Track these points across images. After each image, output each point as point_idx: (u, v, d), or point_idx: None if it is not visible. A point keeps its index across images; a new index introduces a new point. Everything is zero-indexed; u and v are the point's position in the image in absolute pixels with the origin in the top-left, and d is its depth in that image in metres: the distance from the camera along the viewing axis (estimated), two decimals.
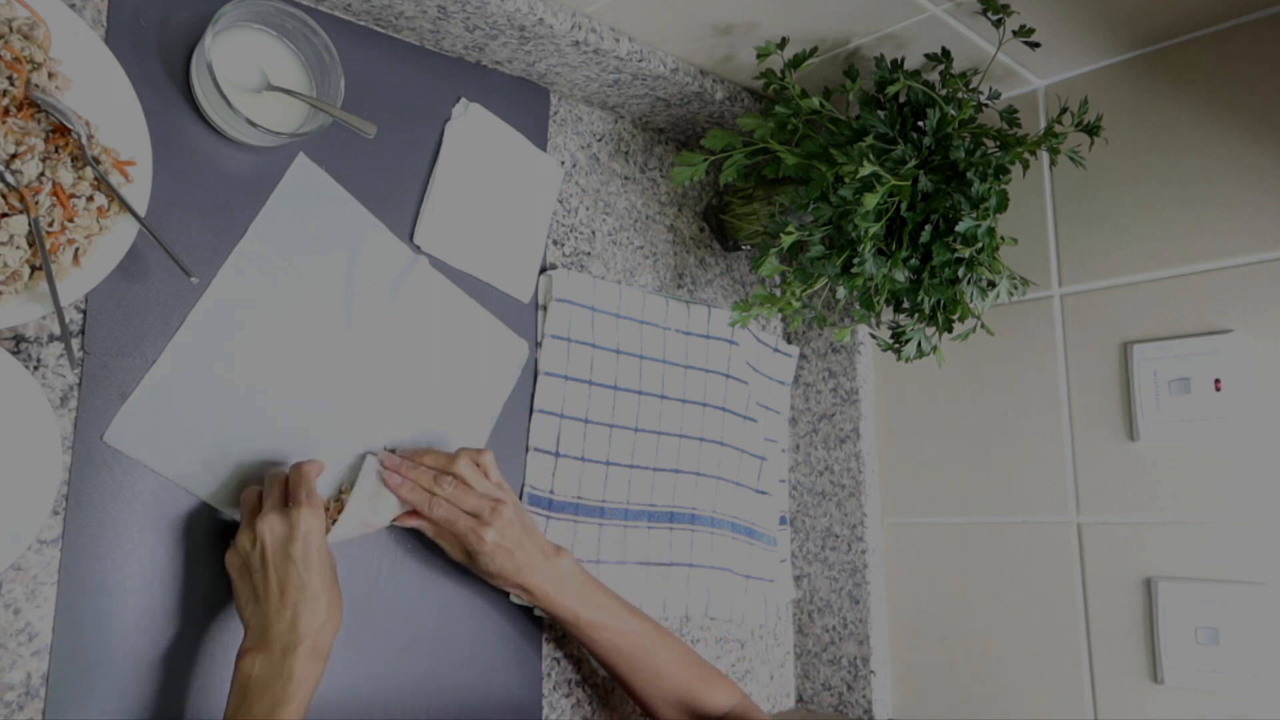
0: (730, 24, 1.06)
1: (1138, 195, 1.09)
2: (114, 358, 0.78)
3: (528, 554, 0.90)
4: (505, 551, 0.89)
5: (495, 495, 0.90)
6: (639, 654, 0.95)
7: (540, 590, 0.91)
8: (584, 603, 0.93)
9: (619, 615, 0.95)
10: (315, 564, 0.76)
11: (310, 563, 0.76)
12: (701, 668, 0.98)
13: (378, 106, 0.96)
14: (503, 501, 0.89)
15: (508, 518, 0.89)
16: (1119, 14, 1.03)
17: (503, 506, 0.89)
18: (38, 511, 0.70)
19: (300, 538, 0.76)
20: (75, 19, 0.75)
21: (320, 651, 0.75)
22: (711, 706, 0.97)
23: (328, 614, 0.76)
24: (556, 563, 0.92)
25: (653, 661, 0.95)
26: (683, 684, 0.96)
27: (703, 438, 1.18)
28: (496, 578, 0.91)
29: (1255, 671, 0.98)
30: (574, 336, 1.08)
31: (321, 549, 0.77)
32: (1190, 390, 1.02)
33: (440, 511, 0.87)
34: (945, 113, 1.01)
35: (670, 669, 0.96)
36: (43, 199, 0.71)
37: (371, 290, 0.94)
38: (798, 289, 1.04)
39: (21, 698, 0.71)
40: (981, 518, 1.19)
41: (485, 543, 0.88)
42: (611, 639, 0.94)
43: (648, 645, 0.95)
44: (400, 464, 0.88)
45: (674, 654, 0.97)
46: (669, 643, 0.97)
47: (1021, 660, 1.14)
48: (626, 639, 0.94)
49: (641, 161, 1.24)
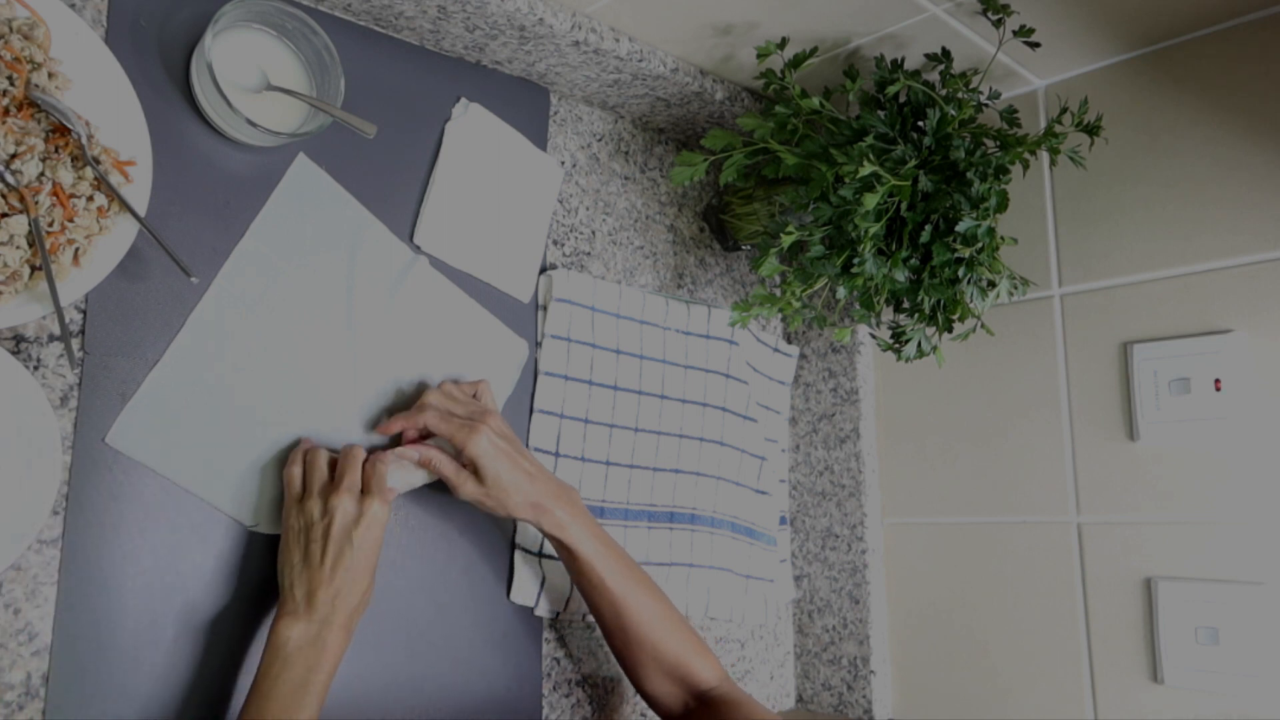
0: (730, 24, 1.06)
1: (1138, 195, 1.09)
2: (114, 358, 0.78)
3: (537, 471, 0.91)
4: (506, 457, 0.88)
5: (482, 407, 0.92)
6: (642, 608, 0.93)
7: (558, 514, 0.90)
8: (600, 539, 0.93)
9: (627, 563, 0.94)
10: (369, 552, 0.81)
11: (366, 550, 0.81)
12: (695, 636, 0.97)
13: (378, 106, 0.96)
14: (490, 412, 0.91)
15: (497, 424, 0.90)
16: (1119, 14, 1.03)
17: (490, 415, 0.90)
18: (38, 511, 0.70)
19: (365, 525, 0.81)
20: (75, 19, 0.75)
21: (351, 630, 0.80)
22: (702, 677, 0.95)
23: (363, 599, 0.81)
24: (571, 493, 0.93)
25: (654, 618, 0.94)
26: (678, 648, 0.95)
27: (703, 438, 1.18)
28: (510, 491, 0.88)
29: (1255, 671, 0.98)
30: (574, 336, 1.08)
31: (378, 541, 0.82)
32: (1190, 390, 1.03)
33: (430, 415, 0.88)
34: (945, 113, 1.01)
35: (669, 629, 0.94)
36: (43, 199, 0.71)
37: (371, 290, 0.94)
38: (798, 289, 1.04)
39: (21, 698, 0.71)
40: (981, 518, 1.19)
41: (478, 439, 0.87)
42: (619, 586, 0.92)
43: (650, 602, 0.94)
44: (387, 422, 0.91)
45: (673, 617, 0.96)
46: (668, 604, 0.96)
47: (1021, 660, 1.14)
48: (633, 589, 0.93)
49: (641, 161, 1.24)
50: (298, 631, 0.77)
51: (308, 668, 0.76)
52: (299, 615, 0.77)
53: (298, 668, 0.75)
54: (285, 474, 0.84)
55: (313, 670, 0.76)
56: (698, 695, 0.95)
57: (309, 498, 0.82)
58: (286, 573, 0.80)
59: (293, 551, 0.80)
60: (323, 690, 0.76)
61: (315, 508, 0.81)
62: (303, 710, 0.74)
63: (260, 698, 0.74)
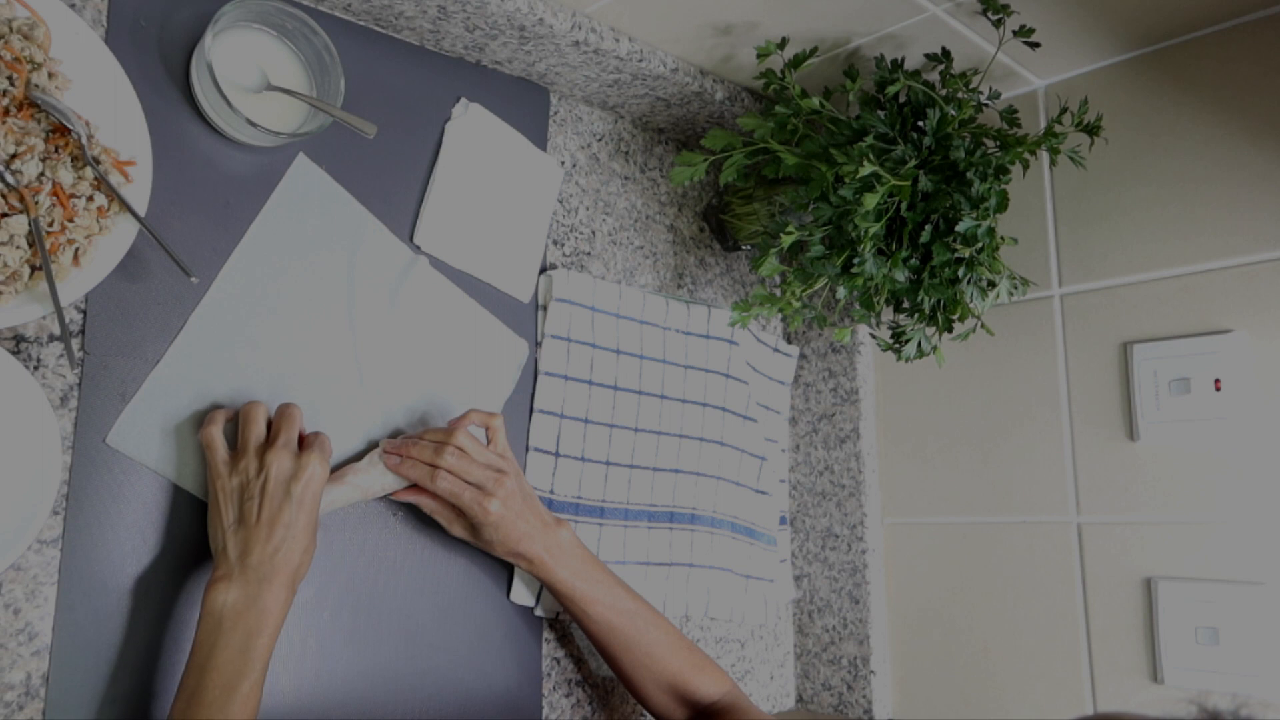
0: (730, 24, 1.06)
1: (1138, 195, 1.09)
2: (114, 358, 0.78)
3: (529, 524, 0.91)
4: (509, 522, 0.89)
5: (498, 465, 0.90)
6: (632, 633, 0.94)
7: (539, 560, 0.91)
8: (581, 576, 0.93)
9: (614, 592, 0.94)
10: (307, 508, 0.78)
11: (304, 506, 0.78)
12: (694, 653, 0.98)
13: (378, 106, 0.96)
14: (505, 472, 0.90)
15: (510, 488, 0.89)
16: (1119, 14, 1.03)
17: (505, 477, 0.89)
18: (38, 511, 0.70)
19: (304, 481, 0.78)
20: (75, 19, 0.75)
21: (293, 590, 0.77)
22: (702, 693, 0.96)
23: (303, 557, 0.78)
24: (557, 534, 0.92)
25: (645, 641, 0.95)
26: (674, 668, 0.95)
27: (703, 438, 1.18)
28: (498, 546, 0.90)
29: (1255, 671, 0.98)
30: (574, 336, 1.08)
31: (316, 497, 0.79)
32: (1190, 390, 1.02)
33: (443, 484, 0.87)
34: (945, 113, 1.01)
35: (662, 651, 0.95)
36: (43, 199, 0.71)
37: (372, 290, 0.94)
38: (798, 289, 1.04)
39: (21, 698, 0.71)
40: (981, 518, 1.19)
41: (490, 514, 0.88)
42: (605, 615, 0.93)
43: (641, 625, 0.95)
44: (401, 444, 0.89)
45: (668, 637, 0.96)
46: (663, 625, 0.97)
47: (1021, 660, 1.14)
48: (621, 617, 0.94)
49: (641, 161, 1.24)
50: (233, 595, 0.72)
51: (247, 633, 0.71)
52: (232, 578, 0.73)
53: (236, 633, 0.71)
54: (202, 435, 0.80)
55: (252, 635, 0.72)
56: (701, 710, 0.96)
57: (244, 456, 0.78)
58: (218, 535, 0.76)
59: (225, 512, 0.76)
60: (265, 654, 0.72)
61: (251, 465, 0.77)
62: (245, 679, 0.70)
63: (198, 669, 0.70)
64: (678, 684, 0.96)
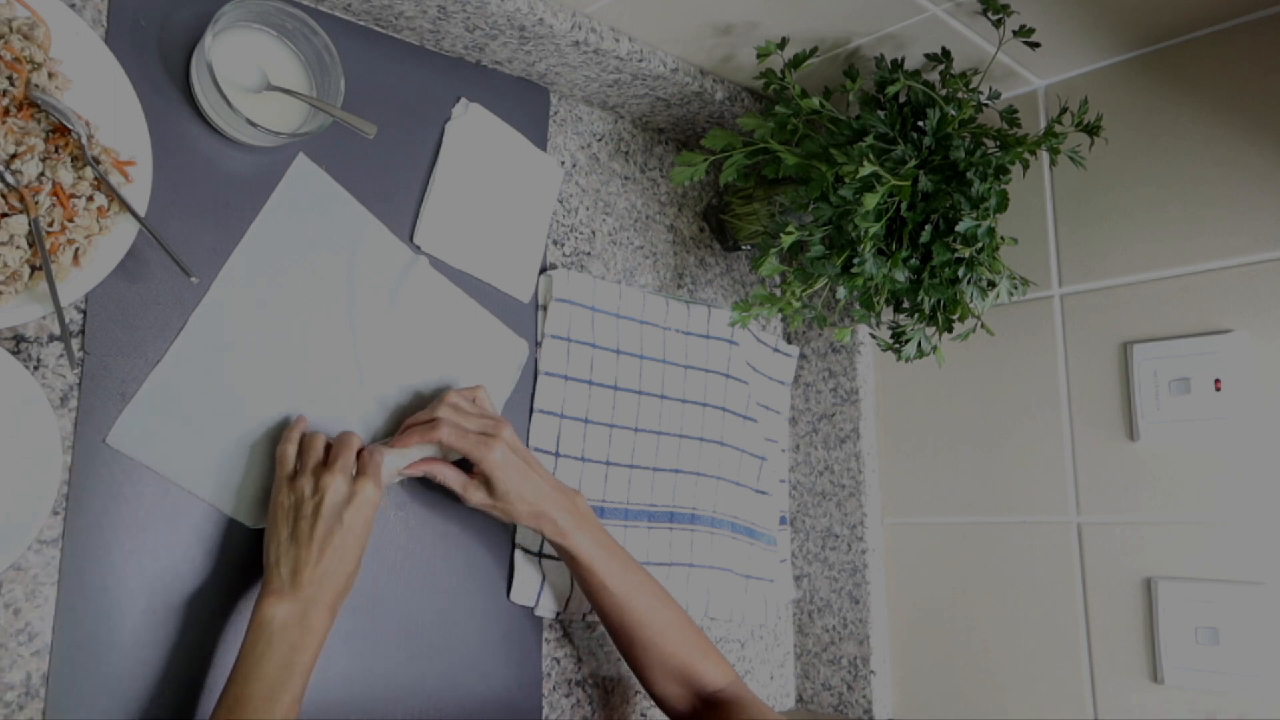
0: (730, 24, 1.06)
1: (1138, 195, 1.09)
2: (114, 358, 0.78)
3: (545, 479, 0.91)
4: (520, 471, 0.89)
5: (493, 417, 0.91)
6: (646, 611, 0.93)
7: (565, 524, 0.91)
8: (602, 545, 0.92)
9: (631, 566, 0.94)
10: (357, 534, 0.80)
11: (354, 532, 0.80)
12: (701, 638, 0.97)
13: (378, 106, 0.96)
14: (501, 422, 0.90)
15: (510, 436, 0.90)
16: (1119, 14, 1.03)
17: (503, 426, 0.90)
18: (38, 511, 0.70)
19: (356, 506, 0.80)
20: (75, 19, 0.75)
21: (335, 611, 0.79)
22: (708, 679, 0.95)
23: (348, 581, 0.80)
24: (575, 499, 0.93)
25: (659, 621, 0.94)
26: (684, 650, 0.95)
27: (703, 438, 1.18)
28: (519, 505, 0.89)
29: (1255, 671, 0.98)
30: (574, 336, 1.08)
31: (368, 523, 0.81)
32: (1190, 390, 1.03)
33: (445, 432, 0.87)
34: (945, 113, 1.01)
35: (673, 632, 0.95)
36: (43, 199, 0.71)
37: (372, 290, 0.94)
38: (798, 289, 1.04)
39: (21, 698, 0.71)
40: (981, 518, 1.19)
41: (494, 453, 0.87)
42: (623, 590, 0.92)
43: (655, 604, 0.94)
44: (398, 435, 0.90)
45: (678, 619, 0.96)
46: (674, 606, 0.96)
47: (1021, 660, 1.14)
48: (637, 592, 0.93)
49: (641, 161, 1.24)
50: (283, 610, 0.75)
51: (292, 647, 0.74)
52: (284, 594, 0.76)
53: (282, 647, 0.74)
54: (278, 450, 0.83)
55: (297, 650, 0.75)
56: (704, 698, 0.95)
57: (302, 475, 0.81)
58: (272, 549, 0.79)
59: (280, 528, 0.79)
60: (307, 671, 0.75)
61: (307, 485, 0.80)
62: (286, 690, 0.73)
63: (243, 678, 0.73)
64: (685, 668, 0.95)
